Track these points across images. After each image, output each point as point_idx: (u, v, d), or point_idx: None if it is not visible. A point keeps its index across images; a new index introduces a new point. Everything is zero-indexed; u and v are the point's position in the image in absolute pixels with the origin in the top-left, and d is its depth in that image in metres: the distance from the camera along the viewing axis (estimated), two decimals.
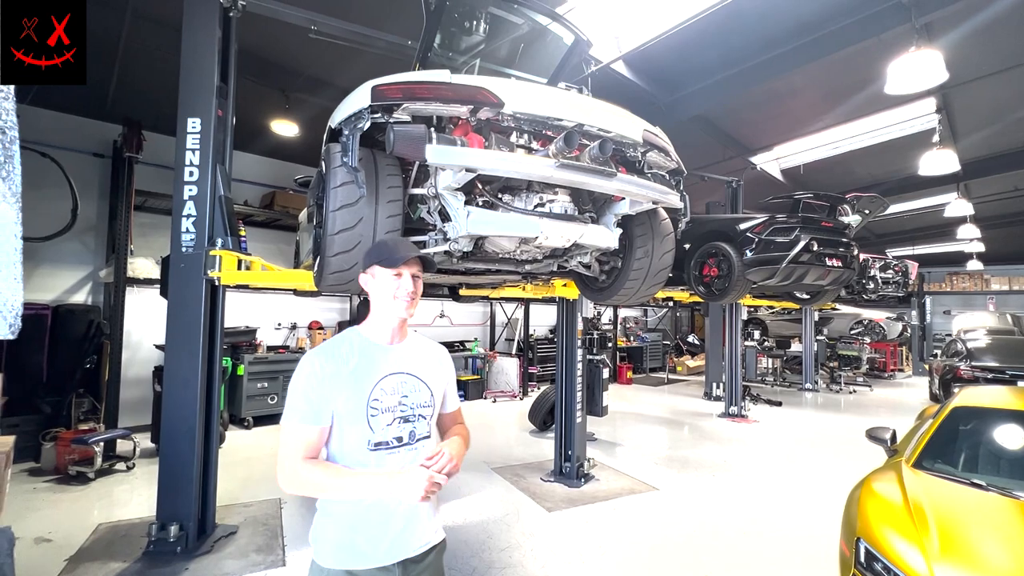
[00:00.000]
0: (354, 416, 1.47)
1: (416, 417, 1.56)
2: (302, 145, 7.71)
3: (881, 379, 14.14)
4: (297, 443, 1.44)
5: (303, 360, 1.52)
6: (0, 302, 2.30)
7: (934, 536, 2.19)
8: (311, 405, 1.46)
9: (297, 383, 1.48)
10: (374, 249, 1.63)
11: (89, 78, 1.80)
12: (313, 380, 1.47)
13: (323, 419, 1.46)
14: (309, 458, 1.44)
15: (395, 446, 1.52)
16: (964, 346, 8.98)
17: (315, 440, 1.46)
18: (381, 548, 1.47)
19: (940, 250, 15.06)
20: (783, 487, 5.26)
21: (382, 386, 1.52)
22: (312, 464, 1.43)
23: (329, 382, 1.47)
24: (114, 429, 5.74)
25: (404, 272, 1.57)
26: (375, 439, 1.48)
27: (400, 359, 1.60)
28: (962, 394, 3.60)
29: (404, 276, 1.57)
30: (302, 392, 1.47)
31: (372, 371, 1.53)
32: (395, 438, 1.52)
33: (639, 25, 5.04)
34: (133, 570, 3.38)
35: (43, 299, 6.36)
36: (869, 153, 8.14)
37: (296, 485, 1.44)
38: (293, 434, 1.45)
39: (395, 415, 1.52)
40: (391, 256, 1.57)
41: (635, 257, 3.15)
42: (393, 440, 1.51)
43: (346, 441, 1.48)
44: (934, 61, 4.30)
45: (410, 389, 1.57)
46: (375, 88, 2.16)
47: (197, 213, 3.73)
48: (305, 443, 1.44)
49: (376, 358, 1.55)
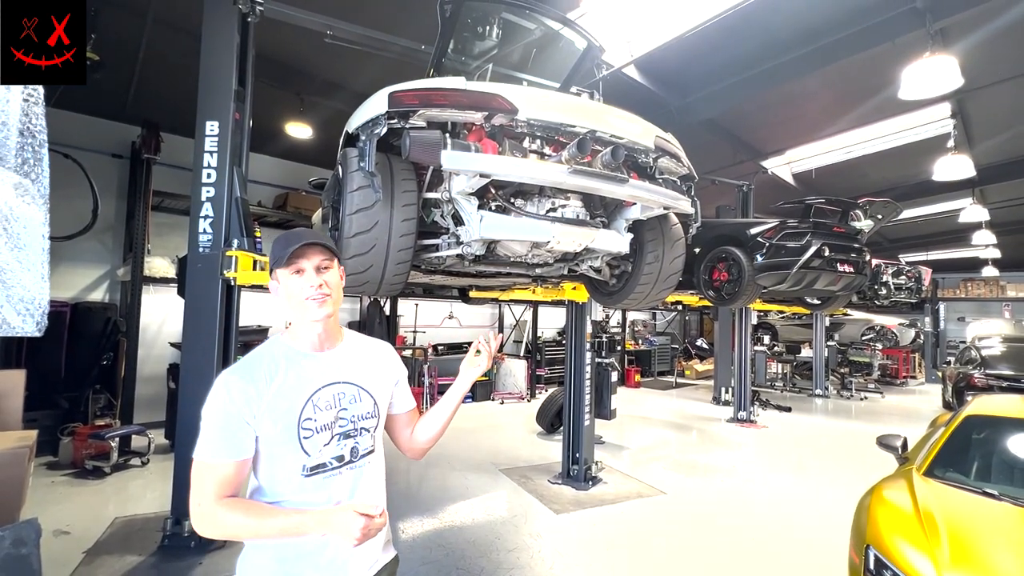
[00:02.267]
0: (284, 440, 1.27)
1: (358, 431, 1.38)
2: (315, 147, 7.80)
3: (893, 386, 13.97)
4: (210, 481, 1.22)
5: (216, 383, 1.29)
6: (28, 300, 2.38)
7: (945, 545, 2.18)
8: (226, 435, 1.24)
9: (209, 411, 1.26)
10: (271, 251, 1.38)
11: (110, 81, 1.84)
12: (229, 406, 1.25)
13: (242, 451, 1.25)
14: (227, 496, 1.23)
15: (336, 467, 1.33)
16: (978, 354, 8.85)
17: (231, 475, 1.24)
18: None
19: (954, 256, 14.84)
20: (792, 493, 5.23)
21: (314, 402, 1.32)
22: (230, 505, 1.22)
23: (249, 406, 1.26)
24: (130, 425, 5.86)
25: (305, 266, 1.34)
26: (311, 463, 1.29)
27: (333, 367, 1.39)
28: (976, 402, 3.57)
29: (307, 272, 1.34)
30: (214, 421, 1.25)
31: (301, 386, 1.32)
32: (334, 458, 1.33)
33: (651, 29, 5.05)
34: (148, 564, 3.45)
35: (62, 297, 6.49)
36: (882, 157, 8.07)
37: (212, 529, 1.22)
38: (206, 471, 1.23)
39: (332, 432, 1.33)
40: (283, 252, 1.33)
41: (646, 262, 3.17)
42: (333, 461, 1.32)
43: (277, 468, 1.28)
44: (949, 66, 4.27)
45: (349, 401, 1.38)
46: (392, 95, 2.20)
47: (214, 214, 3.79)
48: (220, 480, 1.23)
49: (305, 370, 1.34)
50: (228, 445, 1.24)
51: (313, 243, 1.35)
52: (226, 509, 1.21)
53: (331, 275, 1.37)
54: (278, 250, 1.35)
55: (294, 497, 1.29)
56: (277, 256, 1.34)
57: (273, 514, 1.23)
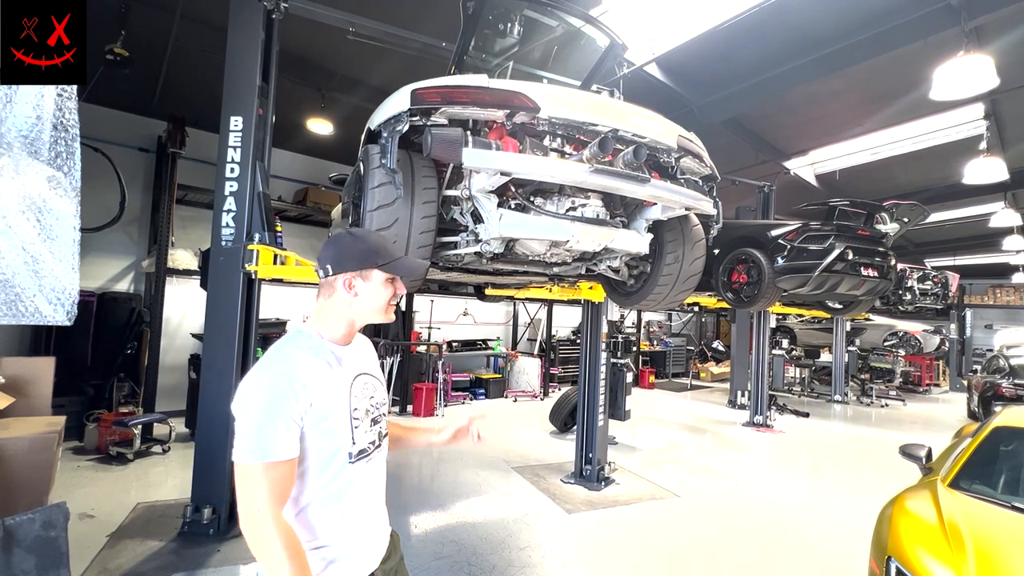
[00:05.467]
0: (337, 430, 1.29)
1: (382, 416, 1.47)
2: (336, 143, 7.88)
3: (915, 393, 13.62)
4: (262, 484, 1.13)
5: (256, 381, 1.21)
6: (59, 290, 2.44)
7: (971, 559, 2.12)
8: (274, 434, 1.16)
9: (252, 410, 1.18)
10: (370, 250, 1.38)
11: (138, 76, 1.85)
12: (274, 404, 1.18)
13: (291, 449, 1.19)
14: (282, 500, 1.18)
15: (370, 451, 1.39)
16: (1007, 363, 8.60)
17: (285, 475, 1.18)
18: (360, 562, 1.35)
19: (983, 261, 14.40)
20: (808, 500, 5.14)
21: (353, 391, 1.36)
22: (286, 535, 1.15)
23: (295, 402, 1.21)
24: (152, 413, 6.00)
25: (395, 280, 1.43)
26: (356, 449, 1.33)
27: (357, 360, 1.45)
28: (1004, 413, 3.46)
29: (398, 282, 1.43)
30: (260, 420, 1.17)
31: (343, 377, 1.36)
32: (370, 443, 1.39)
33: (673, 27, 4.99)
34: (169, 549, 3.53)
35: (90, 287, 6.66)
36: (910, 159, 7.86)
37: (259, 542, 1.14)
38: (256, 474, 1.14)
39: (369, 418, 1.40)
40: (389, 260, 1.39)
41: (665, 263, 3.13)
42: (369, 446, 1.39)
43: (327, 457, 1.28)
44: (984, 66, 4.13)
45: (372, 389, 1.46)
46: (414, 92, 2.21)
47: (237, 208, 3.85)
48: (273, 481, 1.15)
49: (341, 362, 1.37)
50: (278, 444, 1.17)
51: None
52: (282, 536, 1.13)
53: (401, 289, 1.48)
54: (386, 255, 1.39)
55: (337, 483, 1.30)
56: (386, 261, 1.38)
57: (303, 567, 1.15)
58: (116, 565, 3.30)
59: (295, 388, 1.21)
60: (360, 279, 1.37)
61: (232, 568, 3.34)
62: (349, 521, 1.32)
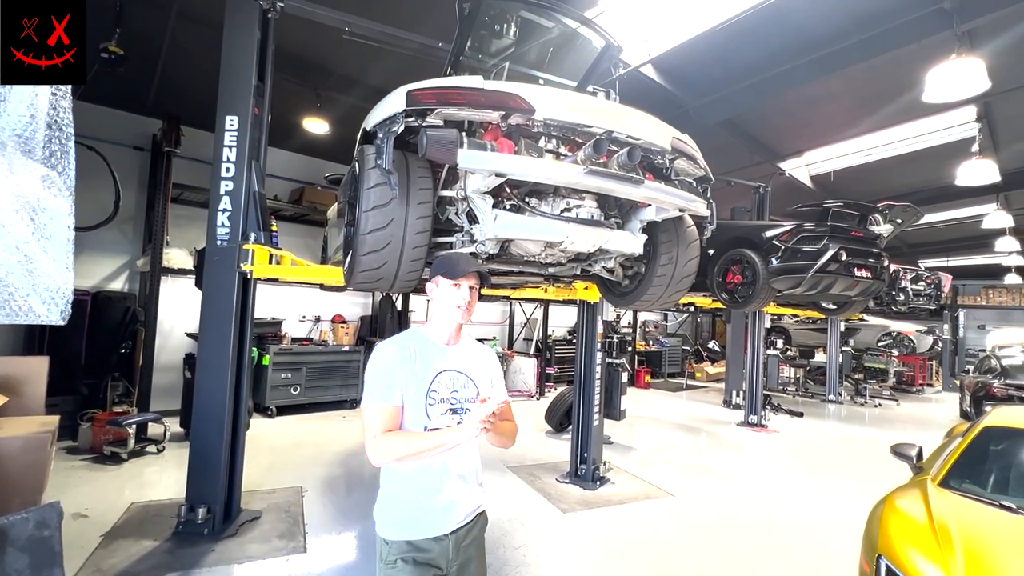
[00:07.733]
0: (416, 402, 1.69)
1: (463, 410, 1.76)
2: (332, 142, 7.86)
3: (909, 393, 13.72)
4: (379, 419, 1.65)
5: (379, 349, 1.75)
6: (53, 289, 2.44)
7: (959, 557, 2.14)
8: (389, 386, 1.67)
9: (376, 368, 1.70)
10: (440, 262, 1.84)
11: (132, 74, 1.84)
12: (390, 365, 1.70)
13: (398, 399, 1.68)
14: (388, 431, 1.65)
15: None
16: (998, 363, 8.67)
17: (393, 416, 1.67)
18: (435, 520, 1.69)
19: (976, 262, 14.51)
20: (802, 499, 5.18)
21: (439, 379, 1.74)
22: (393, 435, 1.65)
23: (399, 371, 1.69)
24: (146, 413, 5.98)
25: (463, 284, 1.77)
26: (430, 425, 1.69)
27: (454, 358, 1.81)
28: (994, 413, 3.50)
29: (463, 287, 1.77)
30: (380, 375, 1.69)
31: (431, 366, 1.74)
32: (445, 426, 1.71)
33: (669, 29, 5.01)
34: (163, 548, 3.52)
35: (84, 286, 6.63)
36: (904, 161, 7.91)
37: (383, 453, 1.63)
38: (376, 412, 1.66)
39: (447, 406, 1.74)
40: (453, 269, 1.78)
41: (659, 263, 3.15)
42: (443, 428, 1.70)
43: (409, 424, 1.70)
44: (976, 69, 4.17)
45: (460, 385, 1.79)
46: (410, 93, 2.21)
47: (232, 207, 3.85)
48: (384, 419, 1.65)
49: (434, 356, 1.77)
50: (389, 394, 1.67)
51: (475, 271, 1.78)
52: (391, 436, 1.63)
53: (475, 295, 1.81)
54: (448, 266, 1.80)
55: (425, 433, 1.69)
56: (447, 270, 1.78)
57: (421, 436, 1.64)
58: (110, 565, 3.29)
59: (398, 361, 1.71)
60: (434, 284, 1.82)
61: (227, 568, 3.34)
62: (422, 479, 1.69)
